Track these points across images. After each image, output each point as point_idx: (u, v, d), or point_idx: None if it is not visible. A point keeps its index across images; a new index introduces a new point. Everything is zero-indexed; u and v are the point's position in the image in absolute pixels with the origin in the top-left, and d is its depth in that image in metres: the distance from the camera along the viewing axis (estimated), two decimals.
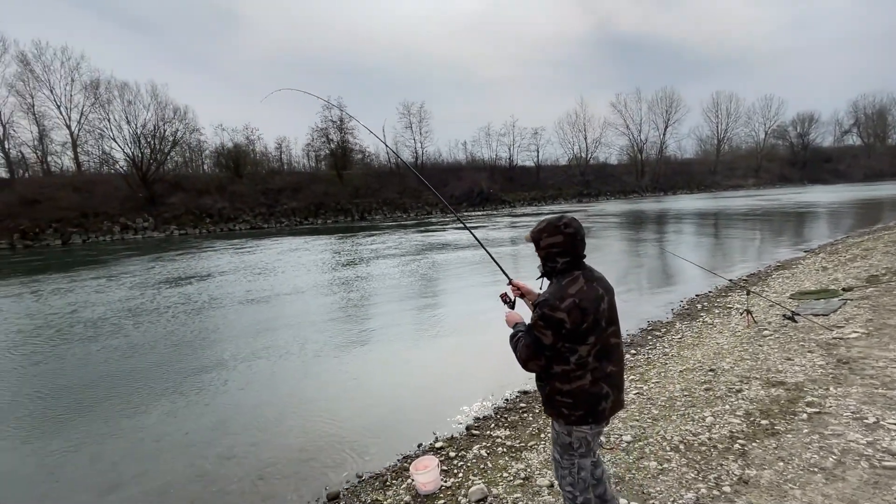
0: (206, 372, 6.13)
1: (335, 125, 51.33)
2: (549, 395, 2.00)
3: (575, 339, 1.86)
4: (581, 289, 1.87)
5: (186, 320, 8.85)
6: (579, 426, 1.96)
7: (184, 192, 39.52)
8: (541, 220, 2.06)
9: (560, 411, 1.97)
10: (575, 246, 1.95)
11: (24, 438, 4.67)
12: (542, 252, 2.01)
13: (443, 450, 3.76)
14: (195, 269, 15.65)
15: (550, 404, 2.00)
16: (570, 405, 1.93)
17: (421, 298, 9.96)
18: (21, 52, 37.68)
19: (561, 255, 1.95)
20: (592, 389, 1.90)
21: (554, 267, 1.98)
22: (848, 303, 6.19)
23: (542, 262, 2.04)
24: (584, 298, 1.85)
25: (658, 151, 74.16)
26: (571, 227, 1.96)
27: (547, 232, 1.98)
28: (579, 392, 1.90)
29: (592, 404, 1.91)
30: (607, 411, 1.95)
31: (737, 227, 21.68)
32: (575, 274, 1.93)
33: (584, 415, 1.93)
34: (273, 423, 4.66)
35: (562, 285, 1.90)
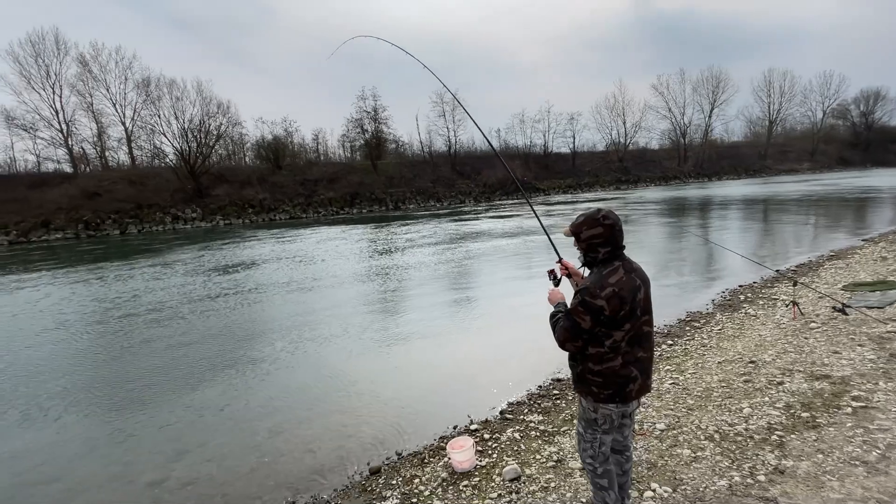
0: (256, 354, 6.56)
1: (369, 115, 51.90)
2: (580, 373, 2.12)
3: (612, 325, 1.97)
4: (620, 279, 1.97)
5: (236, 305, 9.41)
6: (606, 404, 2.07)
7: (228, 183, 41.31)
8: (579, 215, 2.15)
9: (590, 389, 2.08)
10: (615, 236, 2.04)
11: (98, 411, 5.20)
12: (583, 244, 2.10)
13: (477, 432, 3.92)
14: (241, 257, 16.47)
15: (581, 382, 2.12)
16: (600, 384, 2.04)
17: (457, 287, 10.13)
18: (80, 54, 40.23)
19: (602, 246, 2.05)
20: (622, 372, 2.01)
21: (595, 257, 2.08)
22: None
23: (584, 253, 2.13)
24: (622, 288, 1.95)
25: (703, 135, 70.55)
26: (610, 218, 2.05)
27: (587, 224, 2.07)
28: (610, 373, 2.01)
29: (621, 385, 2.02)
30: (634, 393, 2.05)
31: (788, 214, 20.53)
32: (615, 264, 2.03)
33: (612, 394, 2.04)
34: (317, 403, 4.97)
35: (602, 274, 2.00)
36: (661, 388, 4.15)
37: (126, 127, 42.75)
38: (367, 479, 3.45)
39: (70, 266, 17.05)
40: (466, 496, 2.95)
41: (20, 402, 5.45)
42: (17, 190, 34.05)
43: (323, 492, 3.39)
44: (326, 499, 3.27)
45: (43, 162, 41.18)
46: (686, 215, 22.91)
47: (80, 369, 6.45)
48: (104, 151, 43.40)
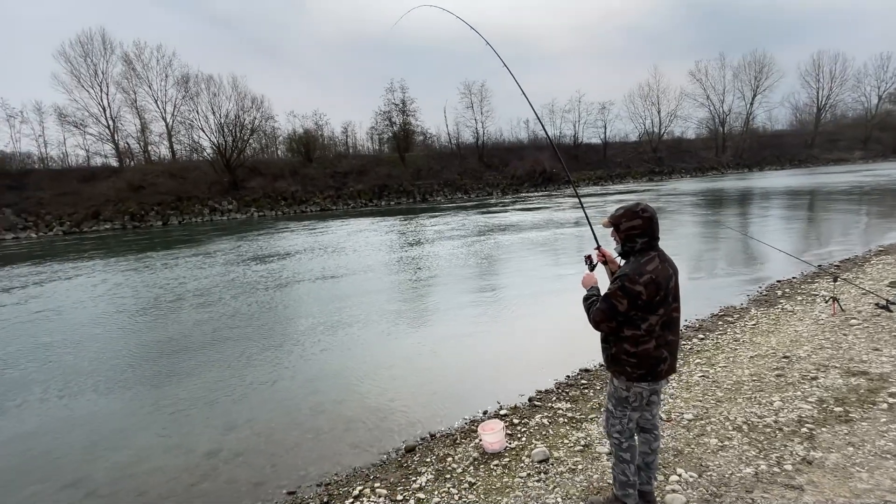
0: (297, 337, 6.93)
1: (398, 108, 52.20)
2: (615, 354, 2.26)
3: (648, 309, 2.13)
4: (657, 267, 2.13)
5: (276, 292, 9.88)
6: (639, 383, 2.22)
7: (261, 176, 42.63)
8: (618, 208, 2.29)
9: (624, 369, 2.24)
10: (652, 228, 2.20)
11: (157, 387, 5.65)
12: (622, 235, 2.25)
13: (506, 417, 4.08)
14: (276, 247, 17.12)
15: (616, 362, 2.27)
16: (635, 364, 2.19)
17: (487, 277, 10.27)
18: (125, 53, 42.20)
19: (640, 237, 2.20)
20: (655, 353, 2.17)
21: (633, 247, 2.23)
22: None
23: (622, 243, 2.27)
24: (659, 275, 2.11)
25: (743, 123, 67.40)
26: (648, 211, 2.20)
27: (626, 217, 2.22)
28: (644, 354, 2.17)
29: (653, 365, 2.18)
30: (664, 372, 2.21)
31: (835, 206, 19.56)
32: (651, 254, 2.18)
33: (644, 374, 2.20)
34: (355, 385, 5.25)
35: (640, 262, 2.16)
36: (690, 381, 4.20)
37: (167, 122, 44.66)
38: (402, 457, 3.67)
39: (120, 255, 18.17)
40: (497, 475, 3.12)
41: (90, 377, 5.98)
42: (70, 184, 36.26)
43: (363, 466, 3.63)
44: (366, 472, 3.52)
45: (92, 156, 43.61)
46: (722, 207, 22.15)
47: (138, 349, 6.99)
48: (147, 146, 45.51)
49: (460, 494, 2.96)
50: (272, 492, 3.42)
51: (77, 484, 3.77)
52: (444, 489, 3.04)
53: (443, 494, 2.98)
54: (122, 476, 3.84)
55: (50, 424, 4.86)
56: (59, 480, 3.83)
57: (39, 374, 6.20)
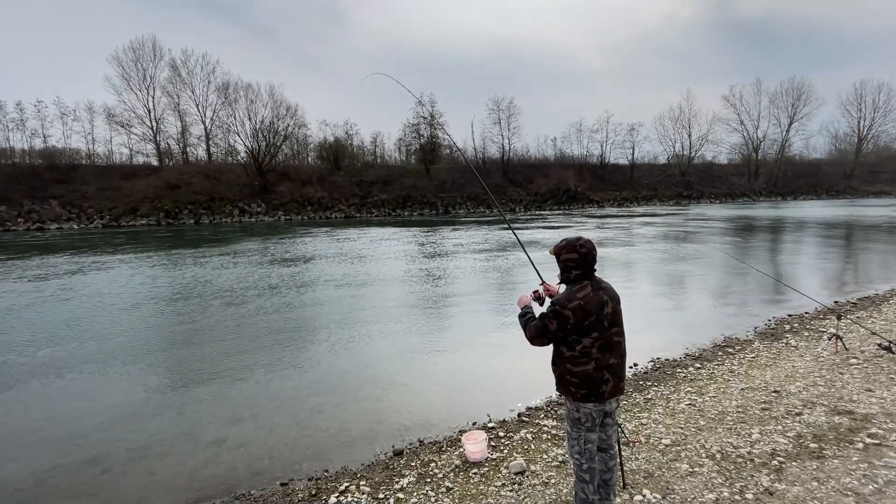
0: (307, 341, 7.27)
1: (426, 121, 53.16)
2: (560, 375, 2.47)
3: (579, 332, 2.34)
4: (587, 294, 2.35)
5: (295, 295, 10.30)
6: (584, 403, 2.40)
7: (290, 181, 44.02)
8: (562, 239, 2.53)
9: (569, 389, 2.43)
10: (587, 261, 2.43)
11: (174, 378, 6.06)
12: (561, 264, 2.51)
13: (494, 429, 4.25)
14: (301, 251, 17.72)
15: (562, 383, 2.47)
16: (577, 384, 2.38)
17: (498, 294, 10.44)
18: (172, 59, 44.66)
19: (575, 268, 2.44)
20: (595, 375, 2.35)
21: (569, 276, 2.48)
22: None
23: (561, 271, 2.53)
24: (588, 302, 2.32)
25: (778, 150, 65.63)
26: (585, 247, 2.44)
27: (566, 250, 2.46)
28: (584, 375, 2.36)
29: (594, 386, 2.36)
30: (607, 394, 2.38)
31: (868, 241, 18.90)
32: (584, 283, 2.41)
33: (587, 394, 2.37)
34: (354, 389, 5.51)
35: (572, 291, 2.40)
36: (676, 408, 4.28)
37: (206, 126, 46.81)
38: (390, 459, 3.89)
39: (153, 250, 19.14)
40: (474, 482, 3.30)
41: (114, 363, 6.45)
42: (112, 180, 38.32)
43: (352, 464, 3.87)
44: (354, 470, 3.75)
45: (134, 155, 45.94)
46: (749, 236, 21.65)
47: (160, 339, 7.47)
48: (185, 147, 47.71)
49: (437, 498, 3.15)
50: (267, 482, 3.69)
51: (95, 461, 4.13)
52: (423, 492, 3.24)
53: (420, 496, 3.18)
54: (135, 457, 4.19)
55: (74, 405, 5.29)
56: (79, 456, 4.21)
57: (67, 356, 6.71)
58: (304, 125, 50.02)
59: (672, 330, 7.38)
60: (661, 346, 6.43)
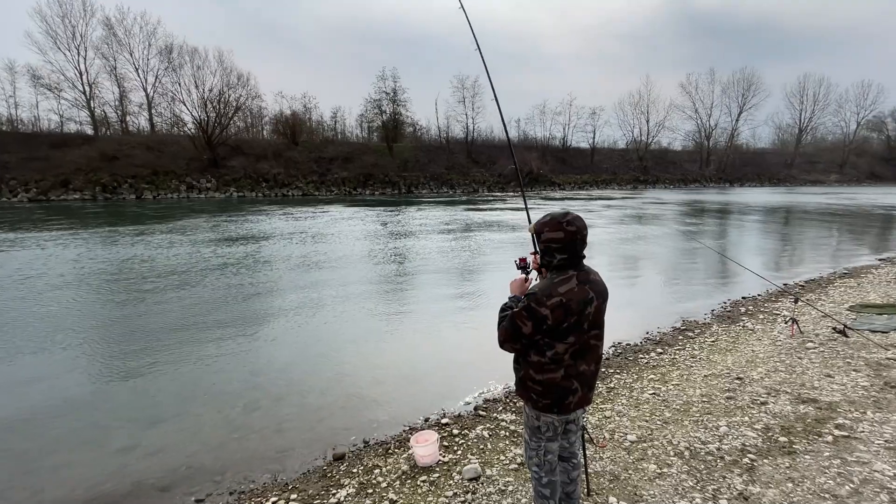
0: (251, 327, 6.60)
1: (388, 97, 51.49)
2: (522, 378, 2.06)
3: (554, 335, 1.90)
4: (571, 289, 1.88)
5: (244, 277, 9.48)
6: (546, 413, 2.01)
7: (244, 156, 41.57)
8: (545, 214, 2.04)
9: (529, 395, 2.03)
10: (574, 244, 1.93)
11: (87, 373, 5.27)
12: (541, 245, 2.01)
13: (448, 426, 3.87)
14: (254, 230, 16.60)
15: (522, 387, 2.07)
16: (540, 393, 1.98)
17: (459, 277, 10.05)
18: (106, 17, 40.48)
19: (559, 252, 1.95)
20: (562, 384, 1.95)
21: (550, 261, 1.98)
22: None
23: (541, 254, 2.04)
24: (571, 299, 1.86)
25: (728, 139, 68.65)
26: (574, 224, 1.93)
27: (549, 226, 1.96)
28: (549, 383, 1.95)
29: (560, 396, 1.96)
30: (572, 405, 1.99)
31: (808, 227, 19.94)
32: (569, 273, 1.93)
33: (550, 404, 1.98)
34: (298, 382, 4.97)
35: (553, 282, 1.91)
36: (640, 398, 4.05)
37: (147, 93, 43.18)
38: (329, 465, 3.43)
39: (87, 227, 17.38)
40: (422, 492, 2.91)
41: (18, 358, 5.56)
42: (39, 148, 34.70)
43: (283, 473, 3.38)
44: (285, 480, 3.26)
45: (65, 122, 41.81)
46: (700, 219, 22.38)
47: (77, 330, 6.55)
48: (125, 116, 43.95)
49: None
50: (179, 499, 3.14)
51: None
52: None
53: None
54: (21, 472, 3.50)
55: None
56: None
57: None
58: (259, 96, 47.26)
59: (632, 313, 7.26)
60: (622, 330, 6.25)
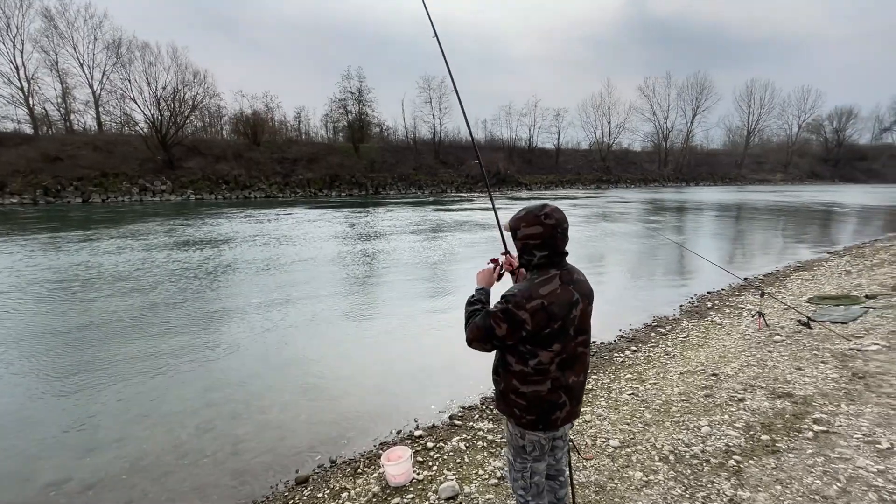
0: (208, 337, 6.10)
1: (354, 96, 50.66)
2: (503, 391, 1.85)
3: (537, 342, 1.70)
4: (554, 291, 1.68)
5: (202, 283, 8.86)
6: (531, 430, 1.81)
7: (201, 156, 39.76)
8: (521, 208, 1.83)
9: (512, 411, 1.82)
10: (555, 239, 1.73)
11: (18, 393, 4.69)
12: (518, 243, 1.80)
13: (421, 439, 3.62)
14: (213, 233, 15.73)
15: (504, 401, 1.85)
16: (523, 407, 1.78)
17: (426, 279, 9.80)
18: (45, 8, 37.71)
19: (538, 249, 1.74)
20: (549, 397, 1.75)
21: (530, 261, 1.78)
22: (870, 311, 5.81)
23: (519, 254, 1.83)
24: (554, 302, 1.66)
25: (683, 140, 71.71)
26: (553, 217, 1.73)
27: (526, 221, 1.76)
28: (535, 397, 1.75)
29: (546, 412, 1.77)
30: (560, 420, 1.80)
31: (759, 223, 20.90)
32: (551, 273, 1.73)
33: (535, 420, 1.78)
34: (256, 397, 4.59)
35: (534, 283, 1.71)
36: (619, 399, 3.94)
37: (94, 90, 40.53)
38: (291, 490, 3.12)
39: (27, 233, 15.97)
40: None
41: None
42: None
43: (238, 502, 3.03)
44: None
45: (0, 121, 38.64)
46: (662, 217, 23.10)
47: (5, 343, 5.87)
48: (69, 114, 41.10)
49: None
50: None
51: None
52: None
53: None
54: None
55: None
56: None
57: None
58: (217, 95, 45.29)
59: (603, 310, 7.22)
60: (594, 328, 6.14)
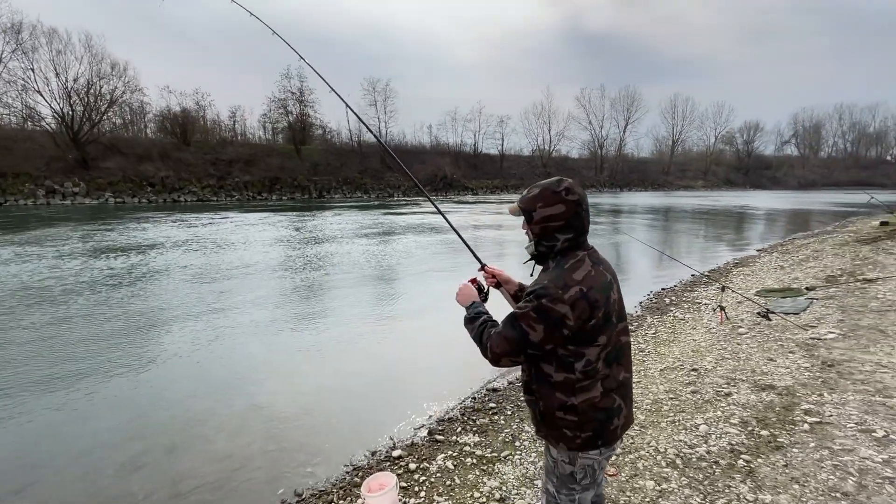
0: (132, 354, 5.22)
1: (294, 97, 48.72)
2: (544, 412, 1.51)
3: (581, 339, 1.40)
4: (589, 274, 1.41)
5: (125, 293, 7.71)
6: (586, 452, 1.48)
7: (122, 156, 36.22)
8: (531, 186, 1.53)
9: (561, 433, 1.49)
10: (581, 218, 1.46)
11: None
12: (536, 227, 1.49)
13: (401, 459, 3.19)
14: (138, 239, 14.09)
15: (548, 424, 1.52)
16: (575, 424, 1.46)
17: (381, 284, 9.29)
18: None
19: (562, 231, 1.45)
20: (603, 403, 1.45)
21: (552, 247, 1.48)
22: (814, 302, 6.16)
23: (536, 240, 1.51)
24: (592, 287, 1.39)
25: (617, 148, 76.27)
26: (574, 192, 1.45)
27: (543, 200, 1.46)
28: (588, 407, 1.44)
29: (603, 422, 1.46)
30: (619, 429, 1.50)
31: (690, 224, 22.39)
32: (579, 255, 1.45)
33: (592, 437, 1.47)
34: (198, 423, 3.91)
35: (564, 269, 1.42)
36: None
37: None
38: None
39: None
40: None
41: None
42: None
43: None
44: None
45: None
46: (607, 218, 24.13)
47: None
48: None
49: None
50: None
51: None
52: None
53: None
54: None
55: None
56: None
57: None
58: (140, 90, 41.56)
59: None
60: None
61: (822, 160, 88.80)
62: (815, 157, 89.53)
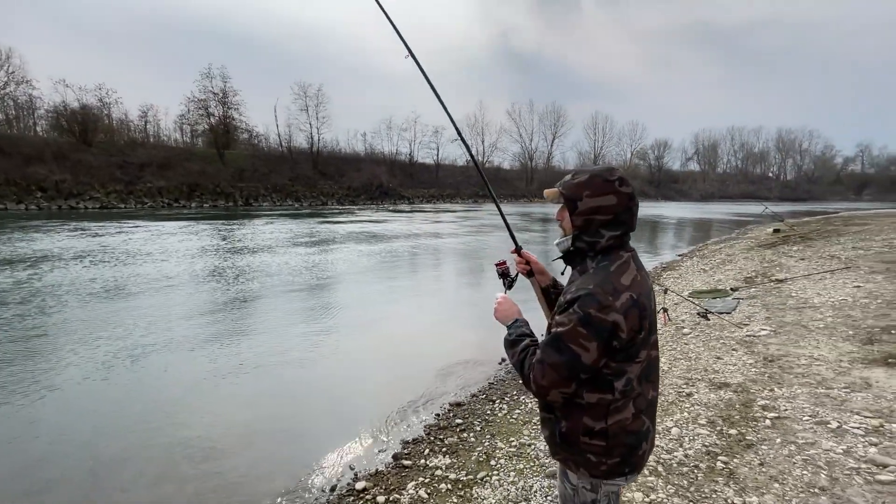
0: (28, 382, 4.27)
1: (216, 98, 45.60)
2: (567, 433, 1.31)
3: (628, 354, 1.22)
4: (636, 279, 1.24)
5: (11, 314, 6.41)
6: (611, 479, 1.31)
7: (4, 156, 31.42)
8: (577, 171, 1.33)
9: (586, 459, 1.29)
10: (632, 214, 1.28)
11: None
12: (579, 219, 1.28)
13: (367, 492, 2.84)
14: (26, 251, 12.04)
15: (570, 448, 1.32)
16: (603, 450, 1.27)
17: (323, 295, 8.71)
18: None
19: (608, 227, 1.26)
20: (633, 426, 1.27)
21: (594, 244, 1.28)
22: (741, 302, 6.67)
23: (576, 234, 1.30)
24: (641, 293, 1.22)
25: (545, 161, 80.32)
26: (628, 184, 1.27)
27: (591, 188, 1.25)
28: (618, 430, 1.26)
29: (632, 447, 1.29)
30: (646, 454, 1.34)
31: None
32: (624, 256, 1.27)
33: (619, 463, 1.28)
34: (109, 469, 3.24)
35: (610, 272, 1.23)
36: None
37: None
38: None
39: None
40: None
41: None
42: None
43: None
44: None
45: None
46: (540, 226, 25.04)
47: None
48: None
49: None
50: None
51: None
52: None
53: None
54: None
55: None
56: None
57: None
58: (28, 81, 36.61)
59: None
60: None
61: (718, 175, 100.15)
62: (713, 172, 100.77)
